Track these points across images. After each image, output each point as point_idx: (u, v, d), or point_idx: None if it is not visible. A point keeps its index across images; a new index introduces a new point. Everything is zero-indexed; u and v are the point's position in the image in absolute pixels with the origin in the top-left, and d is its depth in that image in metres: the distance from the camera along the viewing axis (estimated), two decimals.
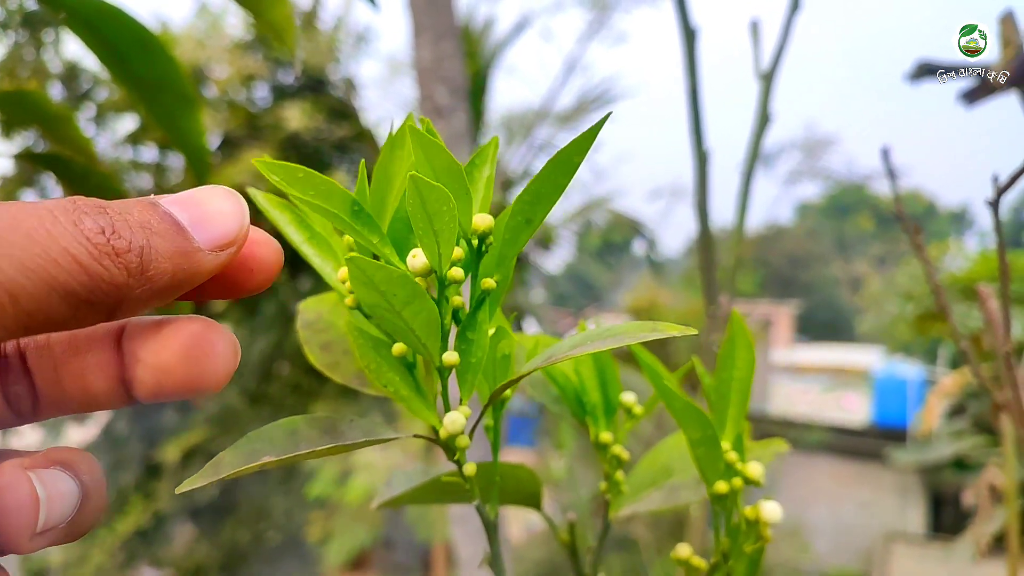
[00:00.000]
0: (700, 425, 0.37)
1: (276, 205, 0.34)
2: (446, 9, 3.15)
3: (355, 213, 0.30)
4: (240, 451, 0.30)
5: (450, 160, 0.28)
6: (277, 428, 0.31)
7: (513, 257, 0.33)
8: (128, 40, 0.77)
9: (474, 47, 6.28)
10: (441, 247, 0.29)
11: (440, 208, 0.27)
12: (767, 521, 0.40)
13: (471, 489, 0.36)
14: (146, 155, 6.06)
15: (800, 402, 9.04)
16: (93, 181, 0.69)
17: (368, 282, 0.27)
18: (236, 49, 6.03)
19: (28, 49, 5.74)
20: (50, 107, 0.75)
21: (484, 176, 0.35)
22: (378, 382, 0.33)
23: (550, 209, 0.31)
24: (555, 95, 6.40)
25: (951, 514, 6.71)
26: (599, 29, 6.42)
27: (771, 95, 0.71)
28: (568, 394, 0.45)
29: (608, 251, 8.73)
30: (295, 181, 0.30)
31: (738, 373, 0.41)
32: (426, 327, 0.30)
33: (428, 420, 0.34)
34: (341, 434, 0.31)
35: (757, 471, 0.40)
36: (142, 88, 0.81)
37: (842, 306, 17.60)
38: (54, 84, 5.85)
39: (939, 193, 22.22)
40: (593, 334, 0.32)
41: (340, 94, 6.35)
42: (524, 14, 6.47)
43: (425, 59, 3.16)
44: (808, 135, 7.35)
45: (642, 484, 0.51)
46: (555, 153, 0.29)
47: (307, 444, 0.30)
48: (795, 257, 17.85)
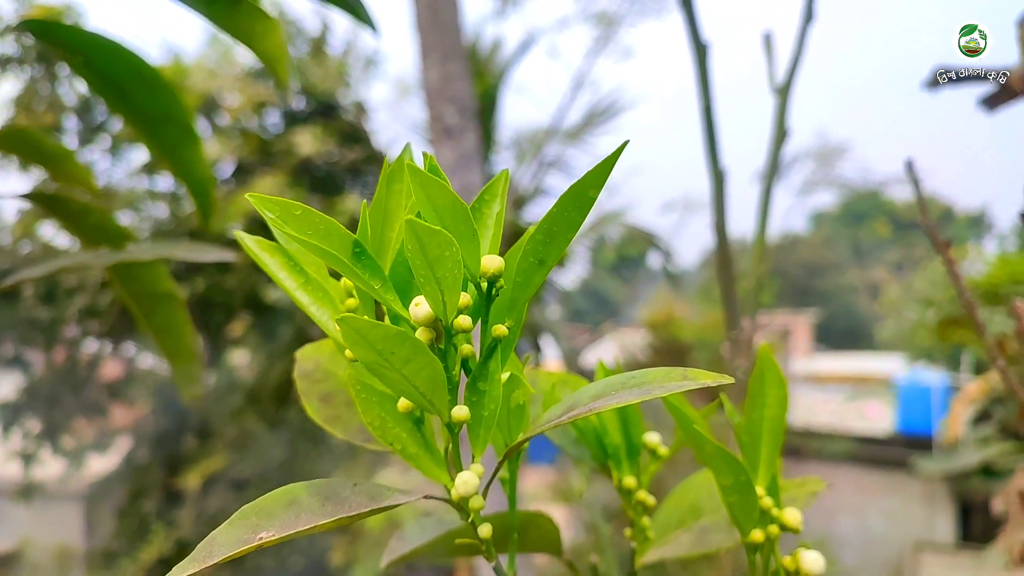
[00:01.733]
0: (732, 471, 0.34)
1: (266, 249, 0.32)
2: (452, 30, 3.15)
3: (356, 255, 0.28)
4: (235, 528, 0.27)
5: (453, 199, 0.26)
6: (274, 499, 0.28)
7: (526, 301, 0.30)
8: (127, 74, 0.75)
9: (482, 67, 6.29)
10: (445, 295, 0.26)
11: (442, 254, 0.24)
12: (808, 572, 0.37)
13: (487, 551, 0.33)
14: (161, 184, 6.10)
15: (822, 412, 8.92)
16: (91, 220, 0.67)
17: (363, 342, 0.25)
18: (247, 77, 6.08)
19: (43, 84, 5.81)
20: (47, 145, 0.74)
21: (494, 212, 0.32)
22: (384, 439, 0.31)
23: (564, 248, 0.29)
24: (564, 112, 6.40)
25: (981, 522, 6.58)
26: (606, 44, 6.42)
27: (787, 109, 0.68)
28: (588, 436, 0.43)
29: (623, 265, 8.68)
30: (291, 219, 0.27)
31: (769, 412, 0.38)
32: (430, 383, 0.27)
33: (439, 479, 0.31)
34: (344, 500, 0.29)
35: (795, 519, 0.37)
36: (144, 122, 0.79)
37: (861, 314, 17.44)
38: (69, 117, 5.92)
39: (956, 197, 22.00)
40: (616, 382, 0.29)
41: (351, 118, 6.38)
42: (530, 31, 6.49)
43: (433, 80, 3.17)
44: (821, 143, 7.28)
45: (669, 525, 0.48)
46: (569, 187, 0.27)
47: (308, 515, 0.28)
48: (811, 266, 17.71)
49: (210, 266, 5.68)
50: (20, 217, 5.98)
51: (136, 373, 6.44)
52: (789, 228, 16.74)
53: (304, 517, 0.28)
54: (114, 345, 6.32)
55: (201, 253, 0.63)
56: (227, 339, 6.28)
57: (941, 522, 6.74)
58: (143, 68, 0.74)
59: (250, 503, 0.28)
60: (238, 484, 6.00)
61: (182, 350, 0.70)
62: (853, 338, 16.69)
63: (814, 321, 12.69)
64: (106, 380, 6.38)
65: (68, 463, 6.18)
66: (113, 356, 6.42)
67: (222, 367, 6.56)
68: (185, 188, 0.75)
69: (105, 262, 0.59)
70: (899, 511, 6.72)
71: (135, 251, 0.61)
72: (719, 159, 0.68)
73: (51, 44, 0.71)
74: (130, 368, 6.49)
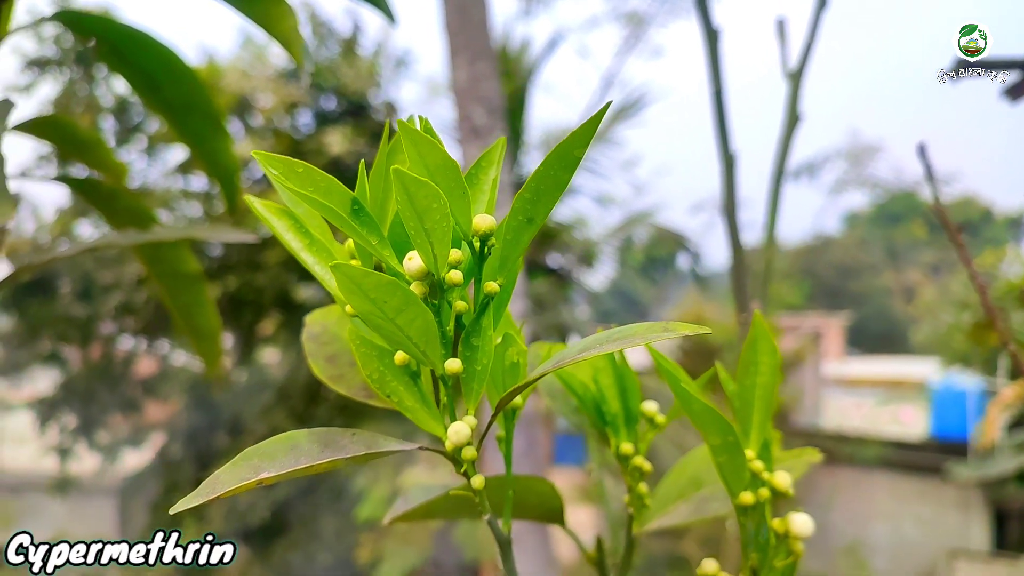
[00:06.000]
0: (721, 430, 0.35)
1: (275, 212, 0.33)
2: (481, 30, 3.17)
3: (355, 212, 0.30)
4: (238, 467, 0.29)
5: (444, 157, 0.27)
6: (277, 443, 0.30)
7: (517, 259, 0.32)
8: (156, 64, 0.78)
9: (511, 67, 6.32)
10: (435, 247, 0.28)
11: (429, 205, 0.26)
12: (797, 535, 0.38)
13: (481, 503, 0.34)
14: (196, 184, 6.21)
15: (854, 416, 8.81)
16: (121, 202, 0.70)
17: (356, 289, 0.26)
18: (280, 78, 6.16)
19: (82, 85, 5.94)
20: (79, 132, 0.77)
21: (490, 178, 0.34)
22: (382, 392, 0.32)
23: (552, 206, 0.30)
24: (593, 111, 6.40)
25: (1016, 530, 6.46)
26: (635, 44, 6.41)
27: (800, 95, 0.69)
28: (587, 404, 0.44)
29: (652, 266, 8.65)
30: (294, 176, 0.29)
31: (762, 379, 0.39)
32: (423, 334, 0.29)
33: (435, 431, 0.33)
34: (342, 447, 0.30)
35: (785, 481, 0.38)
36: (172, 111, 0.82)
37: (895, 317, 17.16)
38: (107, 118, 6.04)
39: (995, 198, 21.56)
40: (603, 336, 0.30)
41: (381, 118, 6.43)
42: (558, 30, 6.50)
43: (462, 80, 3.19)
44: (853, 142, 7.18)
45: (669, 497, 0.49)
46: (555, 147, 0.28)
47: (307, 458, 0.29)
48: (844, 267, 17.47)
49: (241, 265, 5.76)
50: (58, 216, 6.11)
51: (170, 370, 6.55)
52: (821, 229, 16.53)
53: (303, 459, 0.29)
54: (149, 342, 6.44)
55: (222, 234, 0.66)
56: (258, 337, 6.37)
57: (976, 529, 6.63)
58: (171, 58, 0.77)
59: (253, 446, 0.29)
60: None
61: (205, 330, 0.72)
62: (887, 341, 16.43)
63: (847, 324, 12.53)
64: (141, 377, 6.50)
65: (103, 458, 6.31)
66: (148, 353, 6.54)
67: (253, 365, 6.65)
68: (211, 176, 0.77)
69: (131, 242, 0.61)
70: (933, 517, 6.62)
71: (160, 232, 0.64)
72: (729, 143, 0.69)
73: (82, 34, 0.74)
74: (164, 365, 6.60)
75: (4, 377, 6.57)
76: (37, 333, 6.08)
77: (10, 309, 5.90)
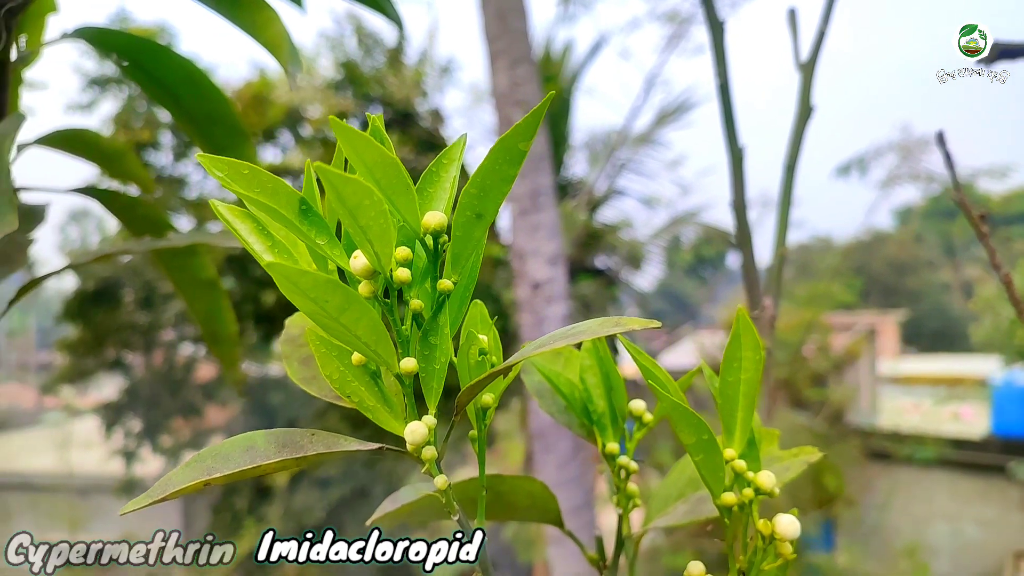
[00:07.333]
0: (694, 428, 0.34)
1: (237, 215, 0.33)
2: (520, 36, 3.18)
3: (302, 212, 0.29)
4: (191, 468, 0.29)
5: (380, 153, 0.27)
6: (233, 444, 0.30)
7: (472, 256, 0.31)
8: (177, 77, 0.79)
9: (554, 70, 6.31)
10: (375, 245, 0.27)
11: (360, 201, 0.26)
12: (783, 536, 0.36)
13: (447, 503, 0.34)
14: None
15: (911, 415, 8.57)
16: (139, 211, 0.71)
17: (295, 289, 0.26)
18: (328, 89, 6.26)
19: (140, 102, 6.12)
20: (104, 144, 0.79)
21: (451, 175, 0.33)
22: (342, 392, 0.32)
23: (501, 201, 0.29)
24: (636, 113, 6.35)
25: None
26: (677, 43, 6.34)
27: (812, 86, 0.67)
28: (575, 404, 0.43)
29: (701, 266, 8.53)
30: (239, 178, 0.29)
31: (745, 375, 0.38)
32: (371, 333, 0.29)
33: (396, 431, 0.33)
34: (300, 447, 0.30)
35: (769, 481, 0.37)
36: (194, 123, 0.84)
37: (953, 313, 16.61)
38: (164, 133, 6.20)
39: None
40: (559, 333, 0.30)
41: (427, 125, 6.48)
42: (602, 33, 6.46)
43: (502, 85, 3.20)
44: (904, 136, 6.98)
45: (668, 498, 0.48)
46: (497, 141, 0.28)
47: (262, 458, 0.30)
48: (899, 263, 16.97)
49: None
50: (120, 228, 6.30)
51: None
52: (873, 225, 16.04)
53: (258, 459, 0.29)
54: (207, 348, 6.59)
55: (230, 240, 0.66)
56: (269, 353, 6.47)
57: None
58: (192, 71, 0.78)
59: (208, 448, 0.29)
60: (322, 482, 6.16)
61: (223, 335, 0.74)
62: (945, 339, 15.90)
63: (902, 321, 12.19)
64: (201, 381, 6.65)
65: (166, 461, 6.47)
66: (207, 359, 6.69)
67: None
68: None
69: (145, 248, 0.62)
70: (996, 518, 6.39)
71: (174, 238, 0.65)
72: (737, 137, 0.68)
73: (103, 50, 0.76)
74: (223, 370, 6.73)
75: (71, 384, 6.79)
76: (102, 341, 6.27)
77: (76, 318, 6.10)
